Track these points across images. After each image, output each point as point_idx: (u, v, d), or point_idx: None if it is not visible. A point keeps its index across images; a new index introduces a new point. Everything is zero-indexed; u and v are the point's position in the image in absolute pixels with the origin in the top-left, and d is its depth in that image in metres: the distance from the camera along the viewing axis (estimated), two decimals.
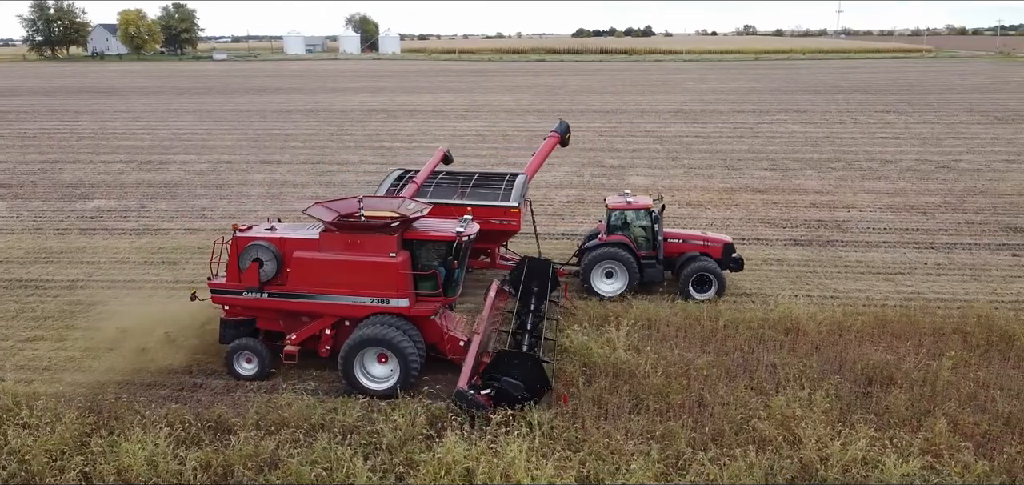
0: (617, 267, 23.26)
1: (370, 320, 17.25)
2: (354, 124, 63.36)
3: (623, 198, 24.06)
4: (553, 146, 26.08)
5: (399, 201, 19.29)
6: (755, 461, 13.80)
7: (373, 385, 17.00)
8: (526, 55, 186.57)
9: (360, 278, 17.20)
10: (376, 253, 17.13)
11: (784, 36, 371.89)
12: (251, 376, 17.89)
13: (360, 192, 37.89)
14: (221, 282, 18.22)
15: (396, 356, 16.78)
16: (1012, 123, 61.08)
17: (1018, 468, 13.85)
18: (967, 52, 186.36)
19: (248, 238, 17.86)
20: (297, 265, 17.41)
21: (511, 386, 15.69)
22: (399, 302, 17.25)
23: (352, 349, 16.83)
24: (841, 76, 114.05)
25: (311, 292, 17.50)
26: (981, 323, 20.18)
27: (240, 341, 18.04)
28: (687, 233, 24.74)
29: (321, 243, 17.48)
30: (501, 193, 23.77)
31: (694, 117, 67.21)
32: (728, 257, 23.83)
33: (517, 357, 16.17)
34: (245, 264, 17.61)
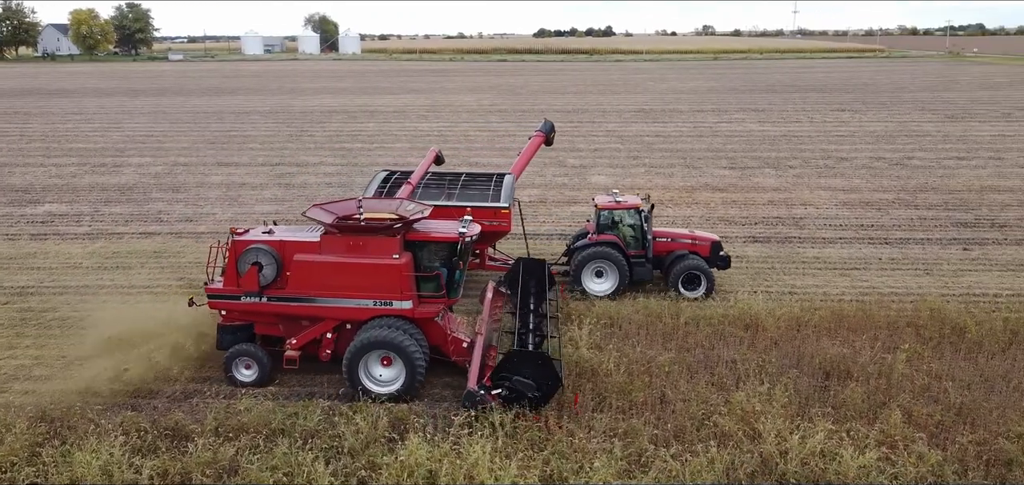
0: (607, 266, 23.33)
1: (374, 323, 17.00)
2: (314, 125, 62.70)
3: (612, 198, 24.14)
4: (538, 145, 26.05)
5: (397, 202, 19.05)
6: (716, 456, 13.94)
7: (379, 388, 16.77)
8: (488, 55, 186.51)
9: (362, 281, 16.94)
10: (379, 255, 16.89)
11: (742, 36, 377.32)
12: (251, 382, 17.50)
13: (322, 194, 37.61)
14: (218, 287, 17.79)
15: (402, 359, 16.59)
16: (961, 121, 62.67)
17: (970, 457, 14.19)
18: (918, 52, 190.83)
19: (247, 241, 17.43)
20: (297, 268, 17.07)
21: (523, 385, 15.60)
22: (402, 304, 17.03)
23: (357, 353, 16.59)
24: (797, 76, 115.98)
25: (312, 295, 17.18)
26: (933, 316, 20.66)
27: (239, 347, 17.59)
28: (675, 232, 24.89)
29: (322, 246, 17.18)
30: (491, 194, 23.66)
31: (654, 116, 67.78)
32: (716, 255, 24.08)
33: (528, 356, 16.07)
34: (244, 268, 17.21)
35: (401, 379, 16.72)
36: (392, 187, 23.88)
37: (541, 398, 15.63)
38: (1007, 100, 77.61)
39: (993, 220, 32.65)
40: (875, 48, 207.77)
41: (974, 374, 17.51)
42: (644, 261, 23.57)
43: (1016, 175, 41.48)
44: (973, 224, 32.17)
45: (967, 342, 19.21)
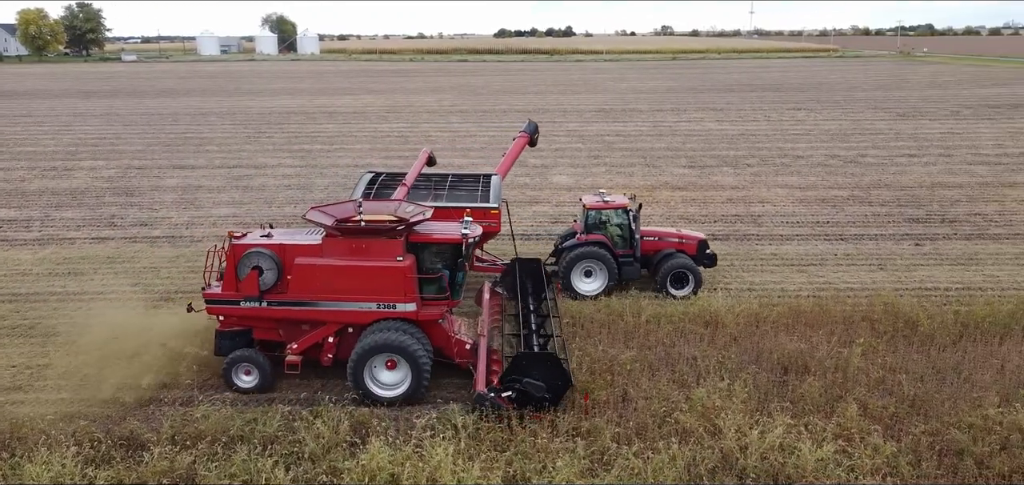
0: (596, 266, 23.39)
1: (378, 326, 16.79)
2: (272, 126, 61.90)
3: (600, 197, 24.23)
4: (523, 146, 26.04)
5: (396, 204, 18.77)
6: (678, 453, 14.06)
7: (384, 392, 16.57)
8: (448, 55, 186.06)
9: (366, 284, 16.71)
10: (383, 257, 16.66)
11: (700, 36, 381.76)
12: (251, 389, 17.14)
13: (281, 196, 37.15)
14: (217, 292, 17.44)
15: (408, 362, 16.40)
16: (912, 119, 64.16)
17: (923, 448, 14.51)
18: (871, 52, 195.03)
19: (246, 245, 17.09)
20: (299, 272, 16.79)
21: (533, 387, 15.58)
22: (406, 307, 16.83)
23: (362, 357, 16.38)
24: (754, 75, 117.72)
25: (314, 299, 16.91)
26: (887, 310, 21.09)
27: (239, 353, 17.22)
28: (662, 231, 25.06)
29: (324, 249, 16.92)
30: (479, 194, 23.53)
31: (614, 116, 68.23)
32: (702, 253, 24.29)
33: (537, 358, 16.05)
34: (244, 272, 16.91)
35: (407, 382, 16.54)
36: (380, 189, 23.56)
37: (551, 399, 15.65)
38: (955, 98, 79.68)
39: (943, 216, 33.47)
40: (829, 48, 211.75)
41: (926, 366, 17.91)
42: (632, 260, 23.72)
43: (964, 172, 42.58)
44: (924, 220, 32.93)
45: (920, 335, 19.65)
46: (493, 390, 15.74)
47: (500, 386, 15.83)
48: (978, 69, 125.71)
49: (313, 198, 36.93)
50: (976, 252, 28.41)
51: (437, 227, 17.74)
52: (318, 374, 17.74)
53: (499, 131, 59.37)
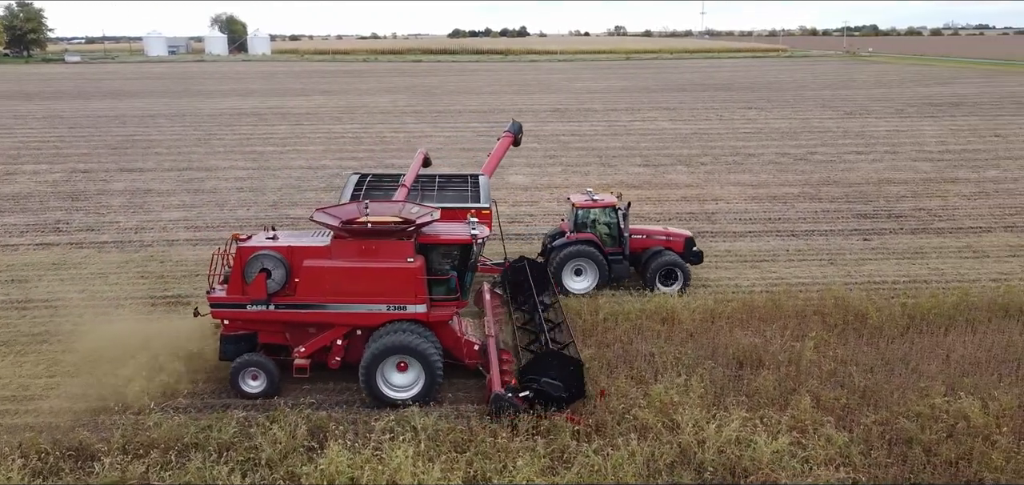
0: (586, 264, 23.51)
1: (389, 327, 16.61)
2: (223, 128, 60.80)
3: (589, 196, 24.37)
4: (507, 146, 26.02)
5: (400, 205, 18.55)
6: (637, 449, 14.17)
7: (396, 395, 16.44)
8: (402, 55, 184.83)
9: (376, 285, 16.53)
10: (393, 259, 16.49)
11: (653, 36, 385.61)
12: (258, 394, 16.83)
13: (233, 200, 36.51)
14: (222, 296, 17.06)
15: (422, 363, 16.30)
16: (859, 117, 65.74)
17: (874, 437, 14.87)
18: (818, 52, 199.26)
19: (253, 248, 16.77)
20: (307, 274, 16.52)
21: (551, 386, 15.60)
22: (417, 308, 16.66)
23: (375, 359, 16.20)
24: (706, 75, 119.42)
25: (322, 302, 16.66)
26: (838, 304, 21.57)
27: (245, 358, 16.91)
28: (650, 229, 25.31)
29: (333, 250, 16.69)
30: (470, 195, 23.37)
31: (569, 116, 68.57)
32: (689, 250, 24.55)
33: (555, 357, 16.05)
34: (251, 275, 16.55)
35: (420, 384, 16.44)
36: (368, 190, 23.24)
37: (568, 398, 15.68)
38: (900, 97, 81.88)
39: (890, 211, 34.36)
40: (778, 48, 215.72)
41: (876, 358, 18.37)
42: (622, 258, 23.92)
43: (909, 168, 43.77)
44: (872, 215, 33.76)
45: (869, 328, 20.14)
46: (511, 390, 15.75)
47: (517, 385, 15.86)
48: (921, 68, 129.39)
49: (266, 201, 36.39)
50: (921, 246, 29.22)
51: (444, 228, 17.71)
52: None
53: (454, 132, 59.26)
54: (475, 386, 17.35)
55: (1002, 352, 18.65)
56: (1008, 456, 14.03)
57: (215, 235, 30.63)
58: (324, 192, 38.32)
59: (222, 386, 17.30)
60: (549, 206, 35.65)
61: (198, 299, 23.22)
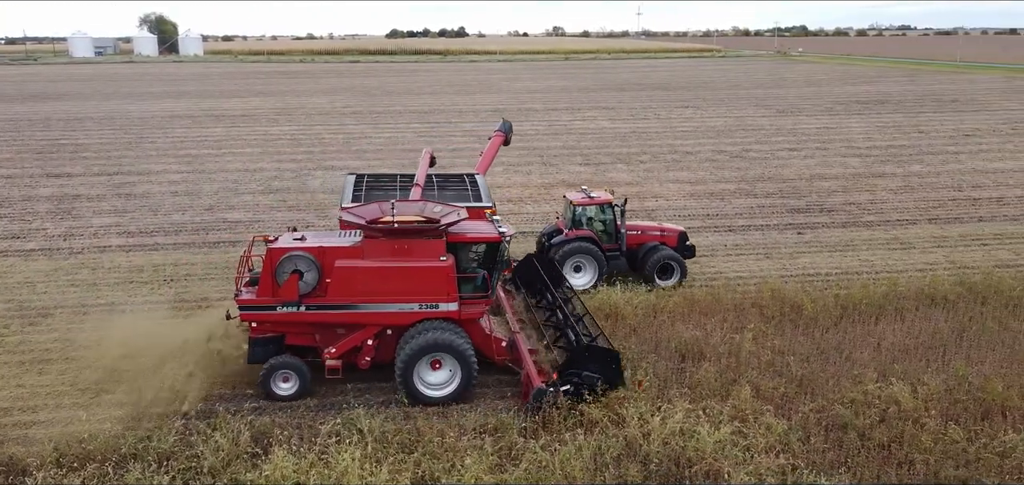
0: (586, 261, 23.77)
1: (422, 326, 16.56)
2: (155, 131, 59.11)
3: (585, 194, 24.75)
4: (498, 145, 26.15)
5: (420, 205, 18.50)
6: (584, 443, 14.31)
7: (433, 393, 16.46)
8: (339, 56, 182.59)
9: (408, 285, 16.49)
10: (426, 258, 16.49)
11: (590, 37, 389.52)
12: (289, 396, 16.62)
13: (168, 204, 35.52)
14: (250, 298, 16.74)
15: (459, 360, 16.39)
16: (791, 115, 67.62)
17: (811, 424, 15.33)
18: (750, 52, 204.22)
19: (284, 249, 16.54)
20: (339, 274, 16.39)
21: (590, 379, 15.83)
22: (448, 307, 16.62)
23: (413, 357, 16.19)
24: (643, 75, 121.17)
25: (354, 302, 16.51)
26: (774, 296, 22.17)
27: (277, 359, 16.70)
28: (645, 224, 25.83)
29: (365, 250, 16.58)
30: (471, 194, 23.20)
31: (510, 116, 68.00)
32: (683, 245, 25.00)
33: (593, 350, 16.30)
34: (283, 276, 16.31)
35: (456, 381, 16.52)
36: (367, 190, 22.88)
37: (608, 390, 15.96)
38: (829, 96, 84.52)
39: (821, 205, 35.43)
40: (712, 48, 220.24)
41: (811, 348, 18.94)
42: (619, 254, 24.32)
43: (839, 164, 45.22)
44: (805, 210, 34.77)
45: (804, 319, 20.75)
46: (552, 384, 15.80)
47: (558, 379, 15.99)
48: (848, 68, 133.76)
49: (202, 204, 35.52)
50: (851, 239, 30.22)
51: (473, 226, 17.83)
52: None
53: (395, 133, 58.84)
54: None
55: (929, 339, 19.42)
56: (936, 438, 14.62)
57: (149, 241, 29.79)
58: (262, 195, 37.63)
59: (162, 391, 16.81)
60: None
61: (128, 306, 22.68)
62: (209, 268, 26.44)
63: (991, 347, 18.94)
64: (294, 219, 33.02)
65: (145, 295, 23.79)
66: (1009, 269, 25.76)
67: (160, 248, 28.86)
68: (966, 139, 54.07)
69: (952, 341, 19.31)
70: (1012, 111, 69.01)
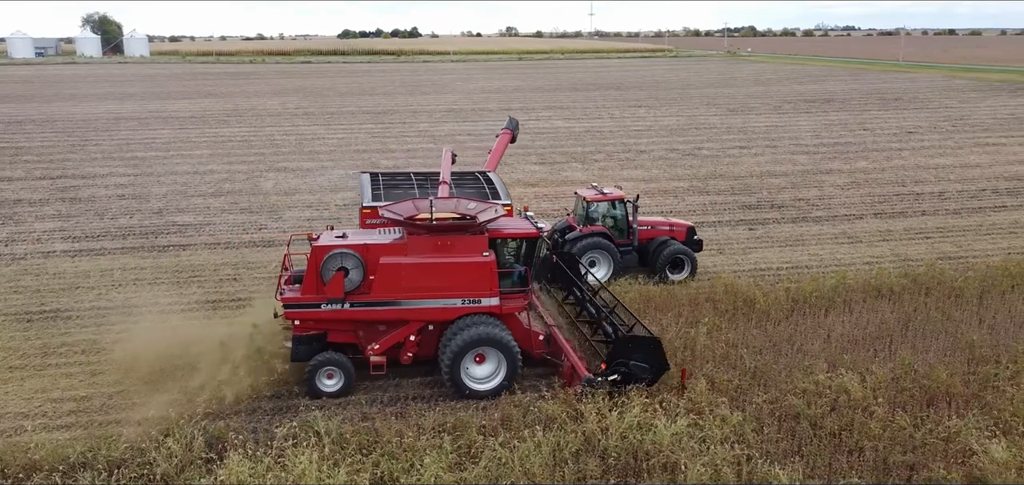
0: (599, 256, 24.00)
1: (466, 321, 16.78)
2: (99, 134, 57.63)
3: (597, 190, 25.13)
4: (506, 142, 26.23)
5: (455, 201, 18.65)
6: (543, 440, 14.35)
7: (480, 386, 16.72)
8: (290, 57, 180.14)
9: (452, 280, 16.71)
10: (469, 254, 16.73)
11: (544, 37, 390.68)
12: (334, 393, 16.73)
13: (115, 207, 34.65)
14: (294, 296, 16.79)
15: (504, 354, 16.68)
16: (741, 114, 68.81)
17: (765, 415, 15.62)
18: (701, 51, 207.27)
19: (329, 246, 16.50)
20: (384, 271, 16.51)
21: (639, 369, 16.20)
22: (491, 301, 16.87)
23: (460, 352, 16.43)
24: (596, 75, 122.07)
25: (399, 298, 16.68)
26: (727, 291, 22.52)
27: (322, 356, 16.75)
28: (654, 220, 26.20)
29: (409, 247, 16.69)
30: (489, 192, 23.08)
31: (465, 116, 68.68)
32: (691, 239, 25.38)
33: (638, 341, 16.63)
34: (329, 274, 16.32)
35: (501, 374, 16.79)
36: (385, 189, 22.69)
37: (652, 378, 16.35)
38: (777, 94, 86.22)
39: (772, 202, 36.13)
40: (664, 48, 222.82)
41: (764, 340, 19.30)
42: (631, 249, 24.72)
43: (788, 161, 46.16)
44: (755, 206, 35.41)
45: (757, 312, 21.13)
46: (600, 374, 16.13)
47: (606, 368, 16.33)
48: (795, 67, 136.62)
49: (151, 208, 34.74)
50: (801, 234, 30.87)
51: (510, 223, 18.24)
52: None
53: (348, 134, 58.30)
54: (379, 386, 17.19)
55: (876, 329, 19.95)
56: (884, 425, 15.02)
57: (95, 245, 29.03)
58: (213, 197, 36.96)
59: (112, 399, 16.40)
60: None
61: (75, 312, 22.08)
62: (159, 272, 25.88)
63: (935, 336, 19.53)
64: (247, 222, 32.54)
65: (92, 300, 23.18)
66: (951, 261, 26.61)
67: (107, 253, 28.14)
68: (909, 136, 55.66)
69: (898, 331, 19.86)
70: (951, 109, 71.27)
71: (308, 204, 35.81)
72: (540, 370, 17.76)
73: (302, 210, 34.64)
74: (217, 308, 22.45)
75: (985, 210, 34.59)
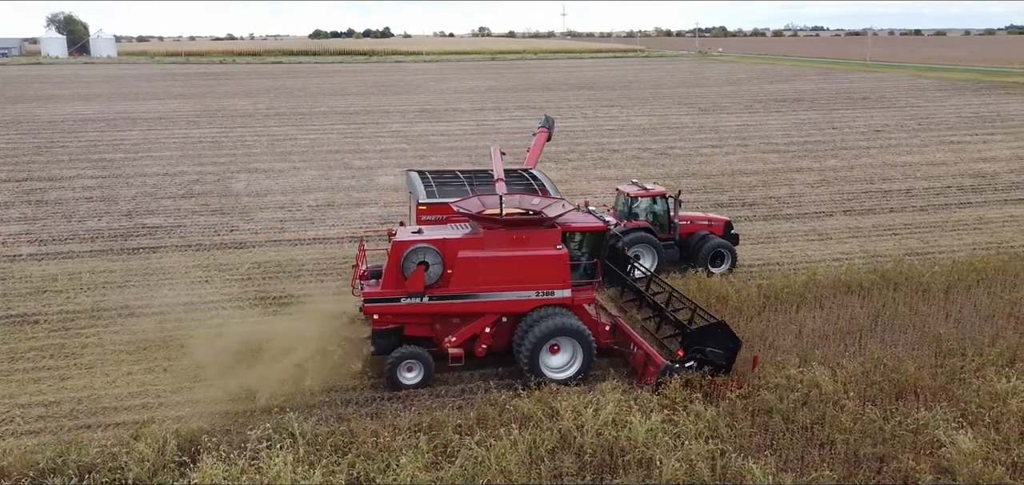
0: (643, 250, 24.40)
1: (541, 312, 17.28)
2: (66, 135, 56.69)
3: (638, 186, 25.82)
4: (544, 140, 26.83)
5: (517, 197, 19.26)
6: (519, 438, 14.37)
7: (557, 375, 17.16)
8: (261, 57, 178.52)
9: (527, 273, 17.22)
10: (543, 247, 17.24)
11: (516, 37, 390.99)
12: (415, 384, 17.17)
13: (83, 209, 34.11)
14: (376, 291, 17.28)
15: (580, 343, 17.17)
16: (713, 113, 69.41)
17: (738, 410, 15.79)
18: (673, 51, 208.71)
19: (409, 242, 17.04)
20: (462, 265, 16.98)
21: (715, 355, 16.85)
22: (563, 293, 17.40)
23: (539, 342, 16.90)
24: (569, 74, 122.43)
25: (476, 291, 17.15)
26: (700, 288, 22.69)
27: (403, 350, 17.19)
28: (693, 215, 26.70)
29: (485, 241, 17.17)
30: (537, 189, 23.24)
31: (438, 116, 68.54)
32: (728, 233, 25.90)
33: (713, 329, 17.22)
34: (410, 269, 16.74)
35: (577, 363, 17.28)
36: (438, 186, 22.97)
37: (727, 364, 16.93)
38: (747, 94, 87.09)
39: (743, 200, 36.50)
40: (636, 48, 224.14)
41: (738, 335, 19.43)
42: (673, 244, 25.30)
43: (759, 159, 46.66)
44: (727, 204, 35.73)
45: (730, 308, 21.31)
46: (678, 361, 16.76)
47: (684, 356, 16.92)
48: (765, 67, 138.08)
49: (120, 210, 34.25)
50: (772, 231, 31.22)
51: (579, 217, 18.92)
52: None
53: (320, 134, 57.91)
54: (355, 386, 17.12)
55: (846, 324, 20.25)
56: (855, 418, 15.24)
57: (63, 248, 28.56)
58: (183, 199, 36.53)
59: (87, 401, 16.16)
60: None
61: (43, 316, 21.72)
62: (129, 275, 25.54)
63: (903, 330, 19.87)
64: (218, 223, 32.21)
65: (60, 304, 22.82)
66: (918, 256, 27.08)
67: (75, 256, 27.70)
68: (876, 134, 56.53)
69: (867, 326, 20.18)
70: (918, 107, 72.48)
71: (280, 205, 35.52)
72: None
73: (274, 211, 34.36)
74: (189, 311, 22.20)
75: (950, 206, 35.25)
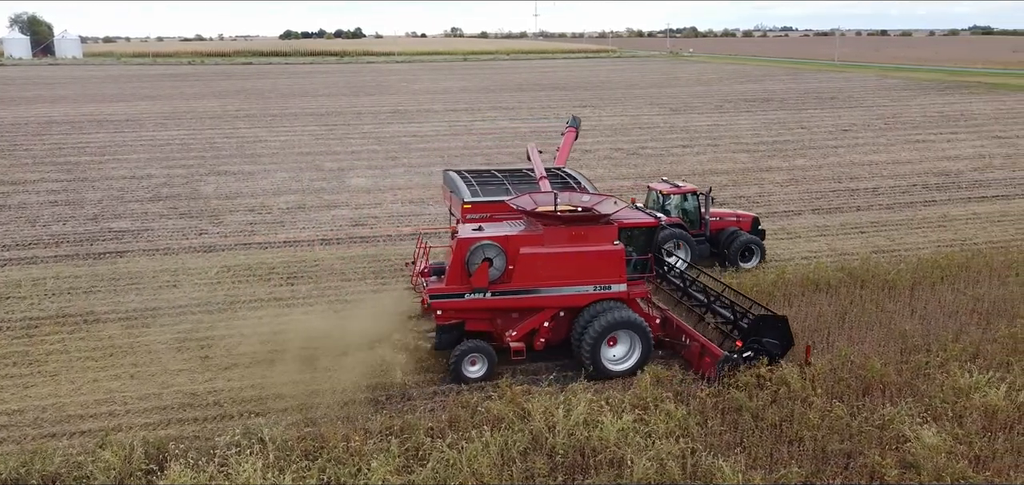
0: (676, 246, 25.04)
1: (598, 306, 17.64)
2: (30, 138, 55.69)
3: (670, 184, 26.57)
4: (572, 139, 27.10)
5: (569, 195, 19.57)
6: (491, 440, 14.36)
7: (617, 367, 17.62)
8: (230, 58, 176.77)
9: (586, 268, 17.60)
10: (601, 243, 17.64)
11: (489, 38, 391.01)
12: (478, 378, 17.44)
13: (48, 214, 33.52)
14: (440, 286, 17.62)
15: (639, 336, 17.65)
16: (684, 114, 69.93)
17: (708, 408, 15.91)
18: (644, 52, 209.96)
19: (473, 239, 17.35)
20: (524, 261, 17.34)
21: (771, 345, 17.26)
22: (619, 287, 17.81)
23: (600, 336, 17.25)
24: (541, 75, 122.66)
25: (536, 286, 17.53)
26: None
27: (467, 344, 17.56)
28: (722, 212, 27.45)
29: (545, 238, 17.53)
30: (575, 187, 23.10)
31: (410, 117, 68.30)
32: (755, 229, 26.84)
33: (769, 320, 17.65)
34: (474, 265, 17.06)
35: (635, 355, 17.72)
36: (480, 185, 22.75)
37: (781, 354, 17.42)
38: (718, 94, 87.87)
39: (714, 199, 36.64)
40: (608, 49, 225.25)
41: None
42: (705, 239, 25.89)
43: (729, 159, 47.09)
44: None
45: None
46: (736, 352, 17.09)
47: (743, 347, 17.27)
48: (736, 67, 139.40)
49: (85, 214, 33.70)
50: None
51: (631, 214, 19.28)
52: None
53: (292, 135, 57.47)
54: (323, 390, 17.01)
55: (814, 322, 20.47)
56: (823, 415, 15.42)
57: (26, 253, 28.04)
58: (151, 203, 36.03)
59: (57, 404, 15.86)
60: (393, 208, 35.37)
61: (5, 324, 21.31)
62: (95, 280, 25.13)
63: (870, 327, 20.15)
64: (187, 227, 31.82)
65: (23, 311, 22.39)
66: (884, 254, 27.49)
67: (39, 261, 27.21)
68: (844, 134, 57.30)
69: (835, 323, 20.43)
70: (884, 107, 73.61)
71: (250, 208, 35.18)
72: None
73: (244, 214, 34.01)
74: (156, 316, 21.91)
75: (916, 205, 35.83)
